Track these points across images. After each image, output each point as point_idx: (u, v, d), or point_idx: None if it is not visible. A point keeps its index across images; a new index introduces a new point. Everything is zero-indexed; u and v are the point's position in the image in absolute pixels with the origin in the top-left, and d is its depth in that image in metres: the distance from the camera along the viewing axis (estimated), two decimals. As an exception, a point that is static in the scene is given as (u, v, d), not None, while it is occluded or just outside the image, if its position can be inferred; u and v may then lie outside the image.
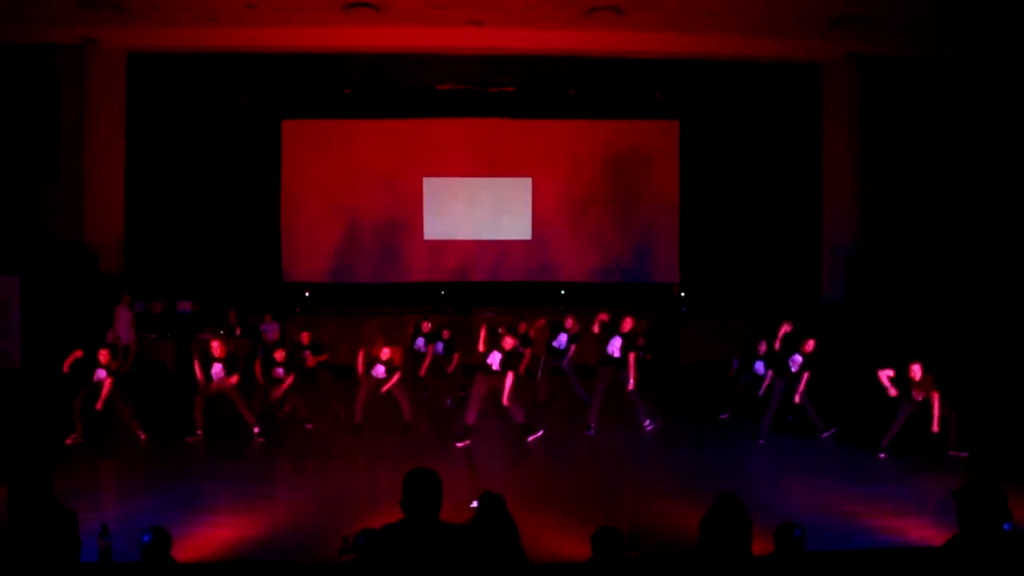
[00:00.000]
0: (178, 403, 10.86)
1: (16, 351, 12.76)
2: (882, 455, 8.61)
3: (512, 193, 16.84)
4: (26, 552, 3.35)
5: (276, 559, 5.71)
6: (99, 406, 9.12)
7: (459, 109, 16.25)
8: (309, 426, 9.91)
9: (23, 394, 11.61)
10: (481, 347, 9.17)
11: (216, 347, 9.59)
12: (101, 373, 9.17)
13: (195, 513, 6.68)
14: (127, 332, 12.86)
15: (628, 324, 9.74)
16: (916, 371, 8.49)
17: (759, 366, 10.35)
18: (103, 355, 9.25)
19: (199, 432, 9.37)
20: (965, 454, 8.51)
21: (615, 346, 9.65)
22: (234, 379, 9.55)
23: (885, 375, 8.63)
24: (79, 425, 9.15)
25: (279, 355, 9.80)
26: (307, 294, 15.74)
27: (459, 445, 8.96)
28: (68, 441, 9.06)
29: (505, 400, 8.97)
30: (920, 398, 8.49)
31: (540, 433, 9.23)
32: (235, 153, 15.95)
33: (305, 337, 10.60)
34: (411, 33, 13.84)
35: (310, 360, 10.44)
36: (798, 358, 9.28)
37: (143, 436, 9.31)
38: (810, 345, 9.23)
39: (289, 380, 9.76)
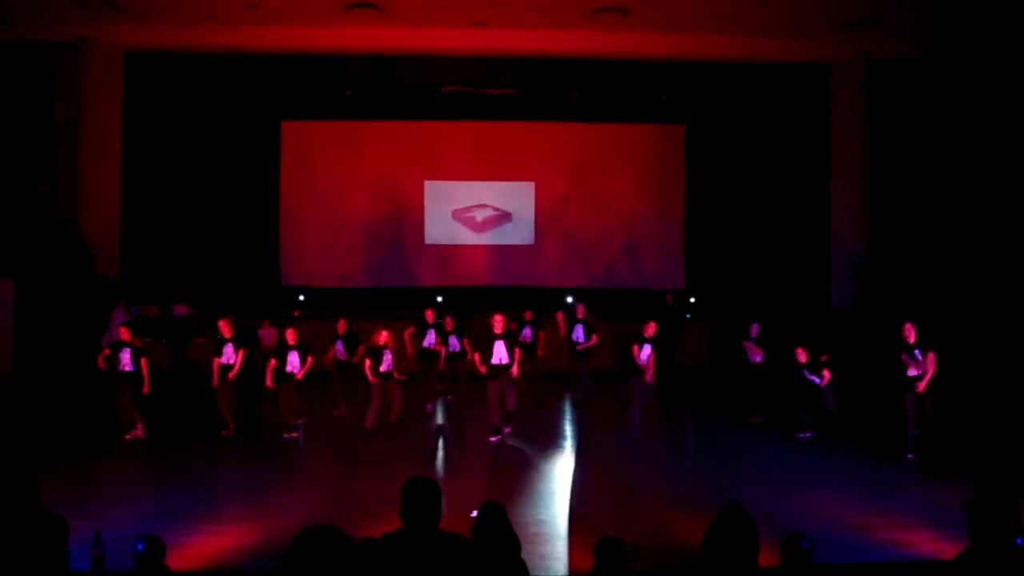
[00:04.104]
0: (172, 408, 10.79)
1: (8, 354, 12.54)
2: (910, 455, 8.71)
3: (515, 197, 16.65)
4: (9, 560, 3.25)
5: (271, 568, 5.45)
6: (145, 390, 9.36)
7: (461, 111, 16.09)
8: (295, 434, 9.66)
9: (15, 398, 11.40)
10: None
11: (224, 327, 9.88)
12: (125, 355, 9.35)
13: (190, 521, 6.56)
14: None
15: (651, 329, 9.92)
16: (910, 331, 8.74)
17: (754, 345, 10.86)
18: (124, 333, 9.51)
19: (231, 426, 9.69)
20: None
21: (646, 355, 9.76)
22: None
23: (905, 355, 8.75)
24: (139, 418, 9.38)
25: (273, 361, 9.75)
26: (301, 298, 15.52)
27: (492, 440, 9.40)
28: (140, 433, 9.33)
29: (515, 371, 9.41)
30: (919, 371, 8.65)
31: (508, 430, 9.62)
32: (233, 155, 15.75)
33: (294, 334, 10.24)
34: (413, 34, 13.67)
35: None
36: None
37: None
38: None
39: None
